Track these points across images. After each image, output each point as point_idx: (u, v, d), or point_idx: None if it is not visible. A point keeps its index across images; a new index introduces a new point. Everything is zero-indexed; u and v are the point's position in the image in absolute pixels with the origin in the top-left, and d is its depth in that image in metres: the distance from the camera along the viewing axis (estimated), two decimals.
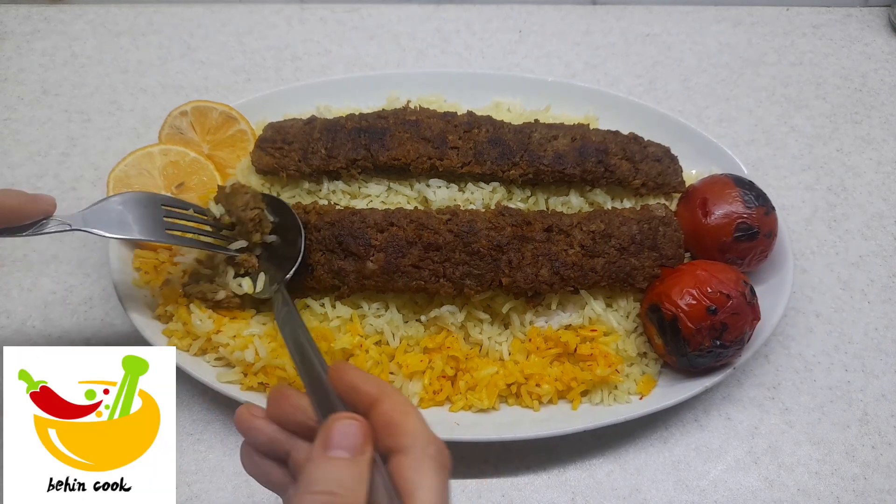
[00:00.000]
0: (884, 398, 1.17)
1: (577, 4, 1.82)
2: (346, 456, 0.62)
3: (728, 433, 1.13)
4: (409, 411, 0.65)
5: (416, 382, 1.08)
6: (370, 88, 1.41)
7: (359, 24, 1.76)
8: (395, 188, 1.20)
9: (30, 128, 1.51)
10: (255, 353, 1.05)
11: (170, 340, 1.10)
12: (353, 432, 0.63)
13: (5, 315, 1.22)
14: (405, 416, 0.65)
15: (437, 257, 1.07)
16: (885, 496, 1.07)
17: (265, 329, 1.09)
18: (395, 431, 0.64)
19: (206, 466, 1.06)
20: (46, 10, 1.75)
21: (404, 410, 0.65)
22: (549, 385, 1.08)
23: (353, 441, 0.63)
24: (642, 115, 1.38)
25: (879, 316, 1.27)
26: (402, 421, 0.64)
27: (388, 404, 0.66)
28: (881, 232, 1.40)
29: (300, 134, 1.21)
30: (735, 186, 1.16)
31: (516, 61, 1.70)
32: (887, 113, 1.61)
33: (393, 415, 0.65)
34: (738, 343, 1.05)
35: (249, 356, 1.05)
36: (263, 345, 1.06)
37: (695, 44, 1.75)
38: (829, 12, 1.84)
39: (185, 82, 1.61)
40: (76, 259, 1.30)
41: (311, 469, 0.62)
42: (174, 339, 1.10)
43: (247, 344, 1.06)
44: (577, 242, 1.11)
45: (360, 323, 1.10)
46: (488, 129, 1.22)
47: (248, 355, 1.05)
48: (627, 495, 1.06)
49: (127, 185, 1.18)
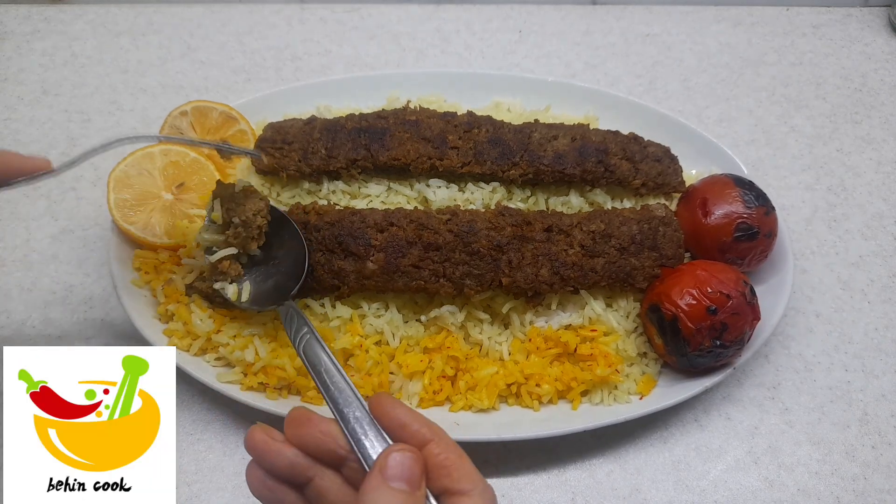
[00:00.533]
0: (884, 398, 1.17)
1: (577, 4, 1.82)
2: (405, 489, 0.62)
3: (728, 433, 1.13)
4: (463, 454, 0.67)
5: (416, 382, 1.08)
6: (370, 88, 1.41)
7: (359, 24, 1.76)
8: (395, 188, 1.20)
9: (30, 128, 1.51)
10: (255, 353, 1.05)
11: (170, 340, 1.10)
12: (410, 465, 0.64)
13: (5, 315, 1.22)
14: (461, 458, 0.66)
15: (437, 257, 1.07)
16: (885, 496, 1.07)
17: (265, 329, 1.09)
18: (453, 473, 0.65)
19: (206, 466, 1.06)
20: (46, 10, 1.75)
21: (459, 453, 0.67)
22: (549, 385, 1.08)
23: (411, 474, 0.63)
24: (642, 115, 1.38)
25: (879, 316, 1.27)
26: (459, 464, 0.66)
27: (442, 446, 0.67)
28: (881, 232, 1.40)
29: (300, 134, 1.21)
30: (735, 186, 1.16)
31: (516, 61, 1.70)
32: (887, 113, 1.61)
33: (450, 456, 0.66)
34: (738, 343, 1.05)
35: (249, 356, 1.05)
36: (263, 345, 1.06)
37: (695, 44, 1.75)
38: (829, 12, 1.84)
39: (185, 82, 1.61)
40: (76, 259, 1.30)
41: (371, 497, 0.62)
42: (174, 339, 1.10)
43: (247, 344, 1.06)
44: (577, 242, 1.11)
45: (360, 323, 1.10)
46: (488, 129, 1.22)
47: (248, 355, 1.05)
48: (627, 495, 1.06)
49: (127, 186, 1.17)
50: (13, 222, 1.35)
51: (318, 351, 0.84)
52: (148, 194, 1.19)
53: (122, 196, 1.17)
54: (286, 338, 0.99)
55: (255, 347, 1.06)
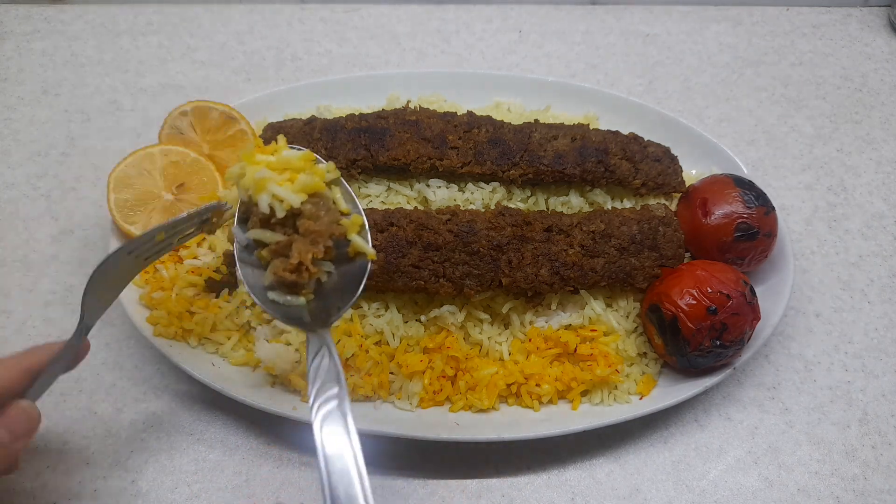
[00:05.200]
0: (884, 398, 1.17)
1: (577, 4, 1.82)
2: None
3: (728, 433, 1.13)
4: None
5: (416, 382, 1.08)
6: (370, 88, 1.41)
7: (359, 24, 1.76)
8: (395, 188, 1.20)
9: (30, 128, 1.51)
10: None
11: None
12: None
13: (5, 315, 1.22)
14: None
15: (437, 257, 1.07)
16: (885, 496, 1.07)
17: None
18: None
19: (206, 466, 1.06)
20: (46, 10, 1.75)
21: None
22: (549, 385, 1.08)
23: None
24: (642, 115, 1.39)
25: (879, 316, 1.27)
26: None
27: None
28: (881, 232, 1.40)
29: (300, 134, 1.21)
30: (735, 186, 1.16)
31: (516, 61, 1.70)
32: (887, 113, 1.61)
33: None
34: (738, 343, 1.05)
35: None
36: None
37: (695, 44, 1.75)
38: (829, 12, 1.84)
39: (185, 82, 1.61)
40: (76, 259, 1.30)
41: None
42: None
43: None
44: (577, 242, 1.11)
45: (360, 323, 1.10)
46: (488, 129, 1.22)
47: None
48: (627, 495, 1.06)
49: (127, 185, 1.17)
50: (13, 222, 1.35)
51: (342, 437, 0.60)
52: (148, 194, 1.19)
53: (122, 196, 1.17)
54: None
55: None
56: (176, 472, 1.05)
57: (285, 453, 1.08)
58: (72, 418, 1.10)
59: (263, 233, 0.81)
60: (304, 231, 0.80)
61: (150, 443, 1.08)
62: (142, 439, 1.08)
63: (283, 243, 0.80)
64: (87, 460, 1.06)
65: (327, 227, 0.81)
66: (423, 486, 1.05)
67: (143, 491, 1.03)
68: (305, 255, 0.78)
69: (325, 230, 0.80)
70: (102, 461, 1.06)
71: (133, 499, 1.02)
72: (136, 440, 1.08)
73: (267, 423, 1.09)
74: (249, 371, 1.10)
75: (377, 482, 1.05)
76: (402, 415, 1.07)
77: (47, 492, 1.03)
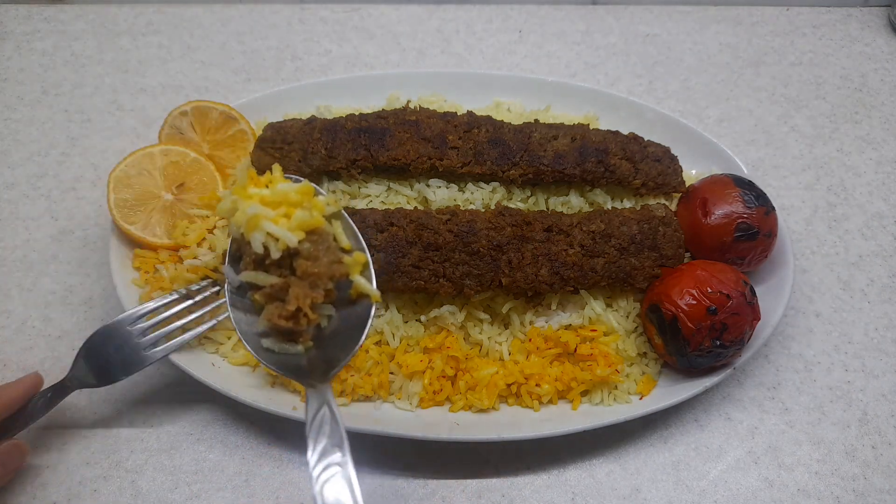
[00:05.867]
0: (884, 398, 1.17)
1: (577, 4, 1.82)
2: None
3: (728, 433, 1.13)
4: None
5: (416, 382, 1.08)
6: (370, 88, 1.41)
7: (359, 24, 1.76)
8: (395, 188, 1.20)
9: (30, 128, 1.51)
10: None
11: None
12: None
13: (5, 315, 1.22)
14: None
15: (437, 257, 1.07)
16: (885, 496, 1.07)
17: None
18: None
19: (206, 466, 1.06)
20: (46, 10, 1.75)
21: None
22: (549, 385, 1.08)
23: None
24: (642, 115, 1.38)
25: (879, 316, 1.27)
26: None
27: None
28: (881, 232, 1.40)
29: (300, 134, 1.21)
30: (735, 186, 1.16)
31: (516, 61, 1.70)
32: (887, 113, 1.61)
33: None
34: (738, 343, 1.05)
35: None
36: None
37: (695, 44, 1.75)
38: (829, 12, 1.84)
39: (185, 82, 1.61)
40: (76, 259, 1.30)
41: None
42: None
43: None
44: (577, 242, 1.11)
45: None
46: (488, 129, 1.22)
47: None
48: (627, 495, 1.06)
49: (127, 186, 1.17)
50: (13, 222, 1.35)
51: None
52: (148, 194, 1.19)
53: (122, 196, 1.17)
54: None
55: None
56: (176, 472, 1.05)
57: (285, 453, 1.08)
58: (72, 419, 1.10)
59: (257, 275, 0.74)
60: (302, 273, 0.73)
61: (150, 443, 1.08)
62: (142, 439, 1.08)
63: (279, 286, 0.73)
64: (87, 460, 1.06)
65: (327, 268, 0.74)
66: (423, 486, 1.05)
67: (143, 491, 1.03)
68: (304, 300, 0.71)
69: (325, 272, 0.74)
70: (102, 461, 1.06)
71: (133, 499, 1.03)
72: (136, 440, 1.08)
73: (267, 423, 1.09)
74: (249, 371, 1.10)
75: (377, 482, 1.05)
76: (402, 415, 1.07)
77: (47, 492, 1.03)
